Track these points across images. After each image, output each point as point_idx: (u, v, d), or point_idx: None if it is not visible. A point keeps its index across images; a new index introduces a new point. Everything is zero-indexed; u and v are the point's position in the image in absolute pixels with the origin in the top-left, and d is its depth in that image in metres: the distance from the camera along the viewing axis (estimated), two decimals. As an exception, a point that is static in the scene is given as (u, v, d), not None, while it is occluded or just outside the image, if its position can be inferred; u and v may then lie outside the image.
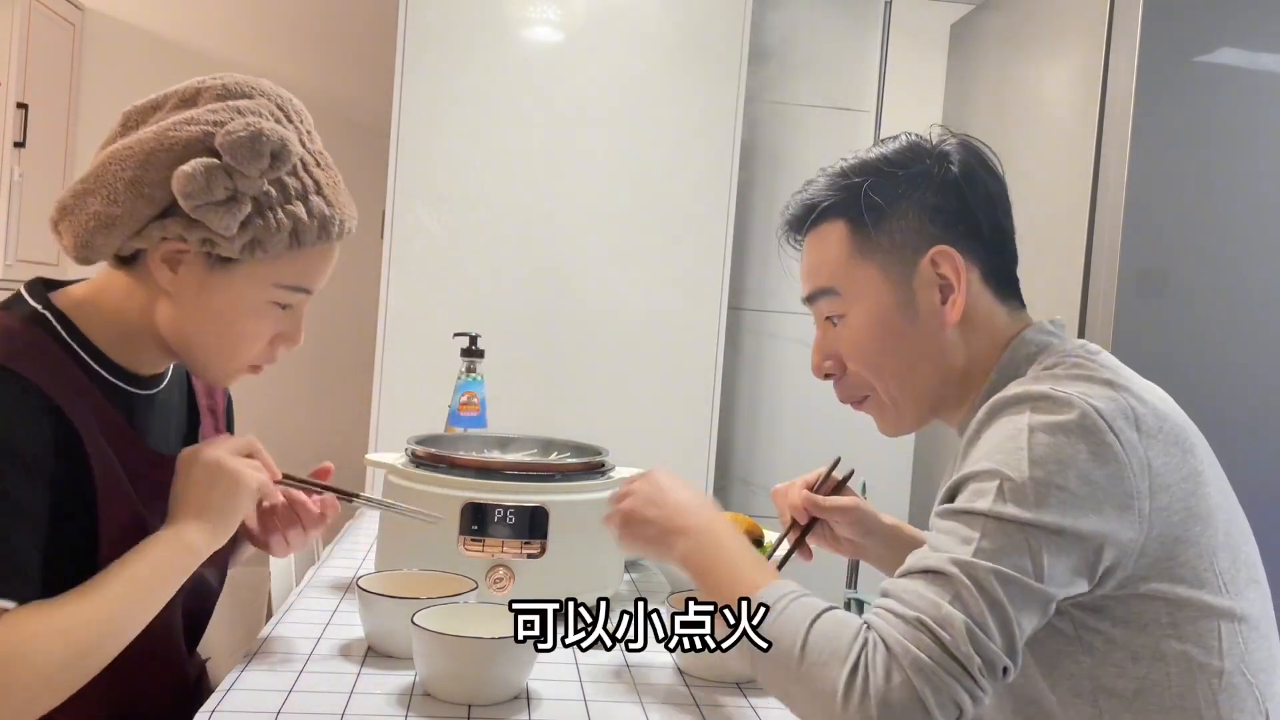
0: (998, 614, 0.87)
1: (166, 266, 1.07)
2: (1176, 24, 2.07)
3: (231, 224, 1.03)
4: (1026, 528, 0.89)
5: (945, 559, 0.90)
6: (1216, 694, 0.94)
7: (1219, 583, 0.96)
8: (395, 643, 1.23)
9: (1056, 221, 2.29)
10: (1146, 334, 2.07)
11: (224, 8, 3.12)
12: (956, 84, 2.95)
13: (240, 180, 1.02)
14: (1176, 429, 0.98)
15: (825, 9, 3.01)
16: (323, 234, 1.10)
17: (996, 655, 0.86)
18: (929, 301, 1.08)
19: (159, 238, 1.05)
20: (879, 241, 1.09)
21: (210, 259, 1.06)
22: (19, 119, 2.67)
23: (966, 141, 1.12)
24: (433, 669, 1.12)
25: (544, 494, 1.42)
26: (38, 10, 2.76)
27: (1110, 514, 0.91)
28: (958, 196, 1.08)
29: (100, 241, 1.05)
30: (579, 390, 2.57)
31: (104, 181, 1.04)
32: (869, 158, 1.12)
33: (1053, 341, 1.07)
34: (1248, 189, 2.10)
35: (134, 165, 1.04)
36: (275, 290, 1.10)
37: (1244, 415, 2.09)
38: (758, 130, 2.93)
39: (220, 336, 1.10)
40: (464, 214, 2.54)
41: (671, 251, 2.59)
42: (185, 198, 1.01)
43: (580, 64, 2.56)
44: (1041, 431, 0.92)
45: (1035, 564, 0.89)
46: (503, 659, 1.11)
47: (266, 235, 1.05)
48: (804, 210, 1.14)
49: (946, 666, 0.85)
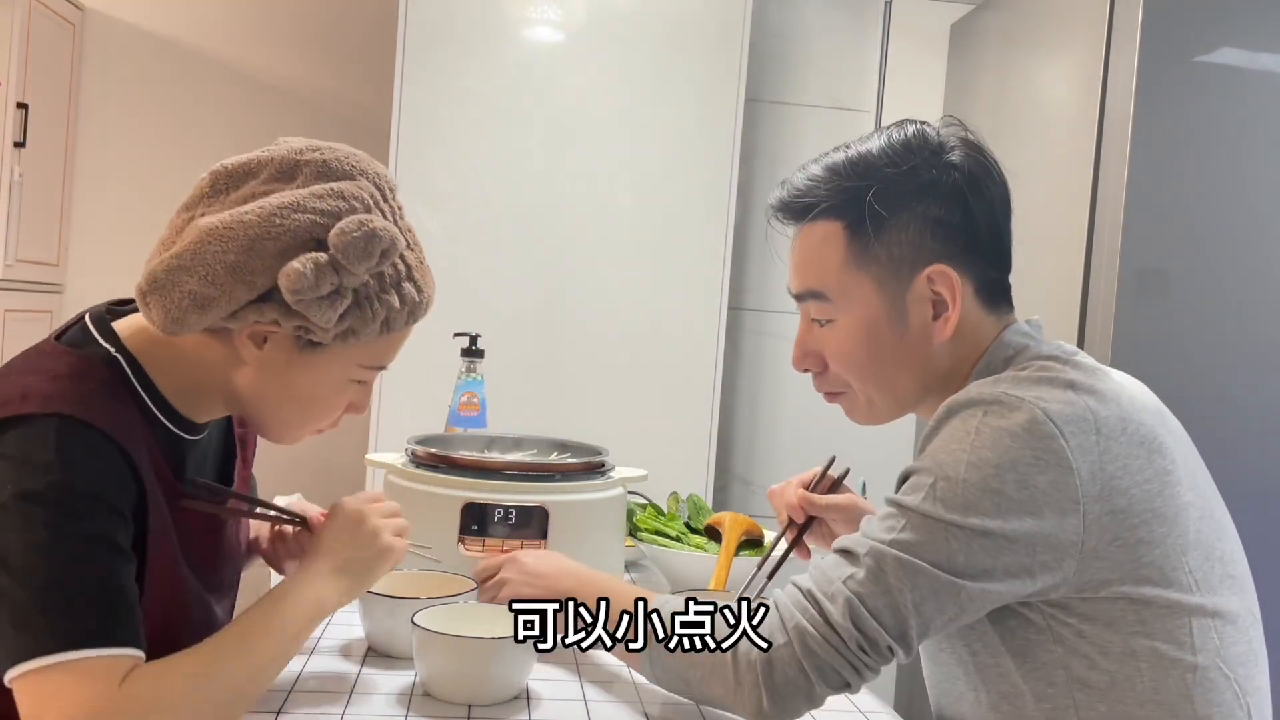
0: (888, 596, 0.92)
1: (252, 343, 1.05)
2: (1176, 24, 2.07)
3: (332, 317, 1.02)
4: (950, 527, 0.92)
5: (862, 540, 0.96)
6: (1191, 688, 0.95)
7: (1190, 580, 0.96)
8: (395, 643, 1.23)
9: (1056, 221, 2.29)
10: (1146, 334, 2.07)
11: (224, 8, 3.12)
12: (956, 84, 2.95)
13: (347, 277, 1.02)
14: (1143, 430, 0.97)
15: (825, 9, 3.01)
16: (410, 319, 1.12)
17: (878, 633, 0.92)
18: (920, 316, 1.08)
19: (253, 320, 1.02)
20: (876, 253, 1.07)
21: (300, 341, 1.06)
22: (19, 119, 2.67)
23: (972, 142, 1.10)
24: (433, 669, 1.12)
25: (544, 494, 1.43)
26: (38, 10, 2.76)
27: (1049, 517, 0.92)
28: (961, 208, 1.06)
29: (193, 320, 1.01)
30: (579, 390, 2.57)
31: (202, 260, 0.99)
32: (872, 154, 1.08)
33: (1029, 344, 1.08)
34: (1248, 189, 2.10)
35: (236, 249, 0.99)
36: (357, 370, 1.12)
37: (1244, 415, 2.09)
38: (758, 130, 2.93)
39: (299, 410, 1.11)
40: (464, 214, 2.54)
41: (671, 251, 2.59)
42: (292, 294, 0.99)
43: (580, 64, 2.56)
44: (987, 434, 0.94)
45: (950, 559, 0.92)
46: (503, 659, 1.11)
47: (361, 325, 1.06)
48: (799, 203, 1.11)
49: (825, 635, 0.93)
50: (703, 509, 1.81)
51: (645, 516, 1.74)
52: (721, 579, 1.48)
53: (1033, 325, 1.11)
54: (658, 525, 1.71)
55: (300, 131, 1.30)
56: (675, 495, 1.85)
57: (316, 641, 1.28)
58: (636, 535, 1.68)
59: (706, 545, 1.66)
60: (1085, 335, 2.15)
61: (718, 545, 1.59)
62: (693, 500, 1.83)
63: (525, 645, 1.10)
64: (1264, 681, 1.02)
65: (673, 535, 1.69)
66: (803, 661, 0.93)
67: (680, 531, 1.72)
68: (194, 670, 0.96)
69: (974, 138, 1.10)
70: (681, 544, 1.67)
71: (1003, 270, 1.11)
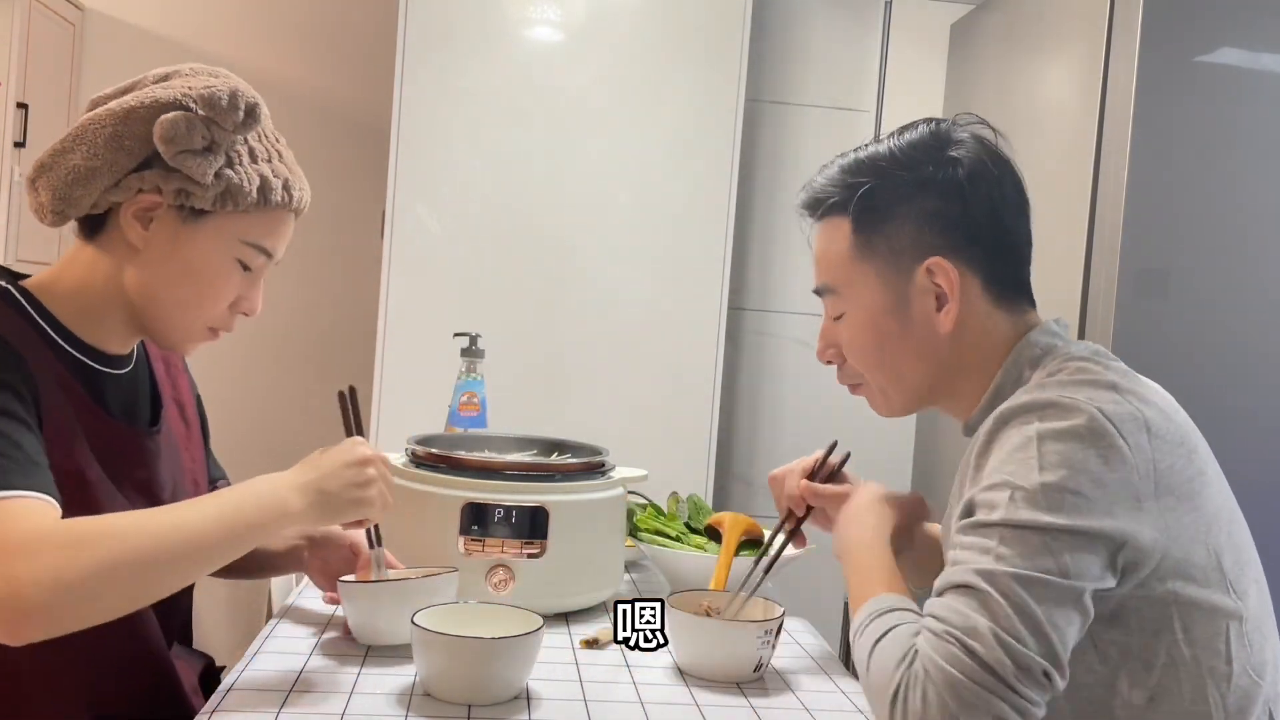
0: (1026, 618, 0.86)
1: (139, 223, 1.13)
2: (1176, 24, 2.07)
3: (208, 171, 1.10)
4: (1043, 531, 0.89)
5: (968, 571, 0.90)
6: (1226, 697, 0.95)
7: (1225, 582, 0.96)
8: (379, 632, 1.24)
9: (1056, 221, 2.29)
10: (1146, 334, 2.07)
11: (224, 8, 3.12)
12: (956, 84, 2.95)
13: (217, 132, 1.11)
14: (1181, 432, 0.98)
15: (825, 9, 3.01)
16: (285, 195, 1.18)
17: (1030, 659, 0.85)
18: (924, 308, 1.09)
19: (136, 189, 1.11)
20: (877, 246, 1.10)
21: (183, 212, 1.13)
22: (19, 119, 2.67)
23: (983, 139, 1.11)
24: (432, 669, 1.12)
25: (544, 494, 1.43)
26: (38, 10, 2.76)
27: (1123, 515, 0.91)
28: (960, 201, 1.07)
29: (79, 194, 1.11)
30: (579, 390, 2.57)
31: (84, 139, 1.11)
32: (880, 153, 1.11)
33: (1056, 344, 1.08)
34: (1248, 189, 2.10)
35: (114, 122, 1.11)
36: (241, 247, 1.17)
37: (1244, 415, 2.09)
38: (758, 130, 2.93)
39: (187, 291, 1.16)
40: (464, 214, 2.54)
41: (671, 251, 2.59)
42: (166, 143, 1.08)
43: (580, 64, 2.56)
44: (1050, 439, 0.93)
45: (1058, 562, 0.88)
46: (503, 659, 1.11)
47: (238, 187, 1.13)
48: (813, 200, 1.16)
49: (977, 678, 0.84)
50: (703, 509, 1.80)
51: (645, 516, 1.74)
52: (721, 579, 1.49)
53: (1060, 325, 1.12)
54: (658, 525, 1.71)
55: (300, 131, 1.32)
56: (675, 495, 1.85)
57: (317, 642, 1.28)
58: (636, 535, 1.68)
59: (706, 545, 1.66)
60: (1085, 335, 2.15)
61: (718, 545, 1.59)
62: (693, 500, 1.83)
63: (525, 644, 1.10)
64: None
65: (673, 535, 1.69)
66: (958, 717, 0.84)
67: (680, 531, 1.72)
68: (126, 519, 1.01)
69: (987, 135, 1.12)
70: (681, 544, 1.67)
71: (1013, 266, 1.12)
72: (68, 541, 0.95)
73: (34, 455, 1.01)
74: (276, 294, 2.17)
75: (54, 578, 0.93)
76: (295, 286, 3.07)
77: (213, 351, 1.42)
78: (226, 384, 3.14)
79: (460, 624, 1.15)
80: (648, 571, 1.77)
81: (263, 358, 3.14)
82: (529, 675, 1.15)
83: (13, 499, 0.96)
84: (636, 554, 1.77)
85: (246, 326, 1.35)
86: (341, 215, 3.12)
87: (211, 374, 3.07)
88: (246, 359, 3.10)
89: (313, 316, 3.21)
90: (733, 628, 1.28)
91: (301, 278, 3.09)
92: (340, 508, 1.15)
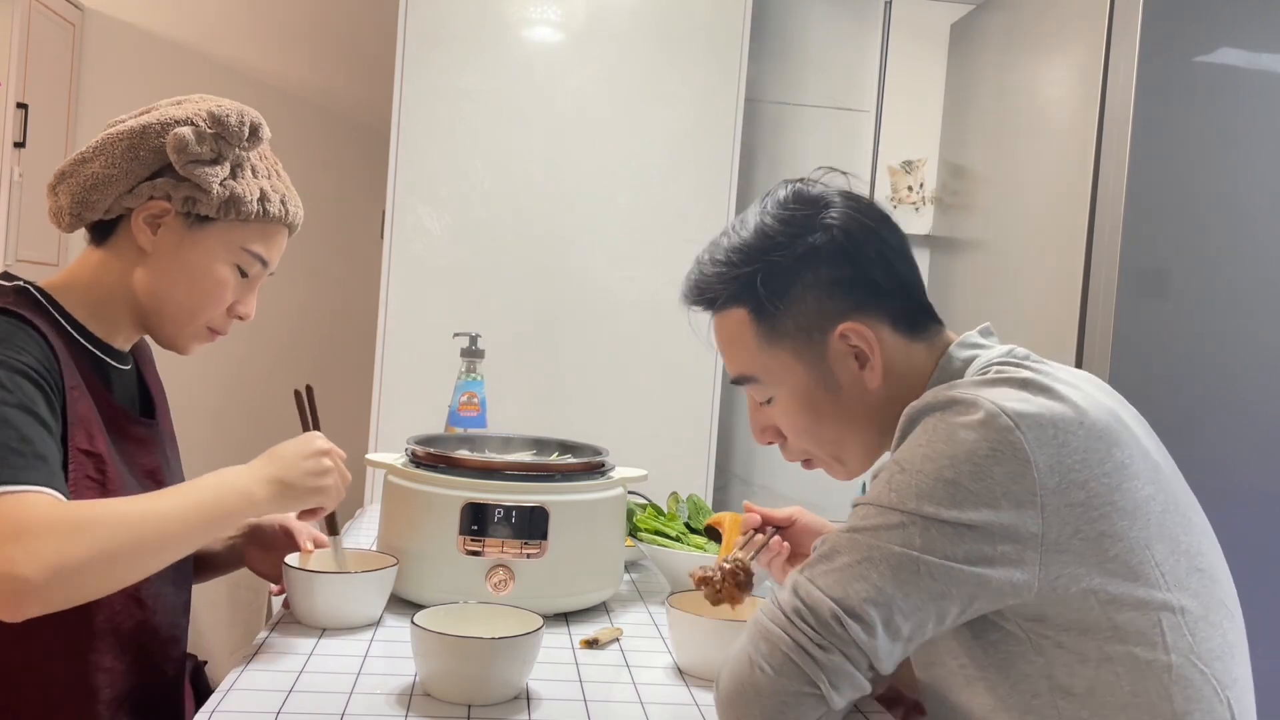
0: (835, 571, 0.94)
1: (148, 228, 1.23)
2: (1176, 24, 2.07)
3: (214, 180, 1.22)
4: (905, 514, 0.93)
5: (828, 539, 0.97)
6: (1169, 687, 0.95)
7: (1157, 574, 0.96)
8: (315, 614, 1.30)
9: (1056, 221, 2.29)
10: (1146, 334, 2.07)
11: (224, 8, 3.12)
12: (956, 84, 2.95)
13: (224, 146, 1.23)
14: (1099, 424, 0.98)
15: (825, 9, 3.01)
16: (282, 209, 1.30)
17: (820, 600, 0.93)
18: (848, 372, 1.11)
19: (147, 195, 1.22)
20: (784, 328, 1.11)
21: (189, 219, 1.24)
22: (19, 119, 2.67)
23: (848, 193, 1.14)
24: (431, 669, 1.12)
25: (544, 494, 1.43)
26: (38, 10, 2.76)
27: (1006, 509, 0.92)
28: (849, 263, 1.10)
29: (95, 198, 1.22)
30: (579, 390, 2.57)
31: (103, 151, 1.22)
32: (750, 240, 1.12)
33: (978, 354, 1.10)
34: (1248, 189, 2.10)
35: (131, 136, 1.22)
36: (240, 254, 1.28)
37: (1243, 415, 2.09)
38: (758, 130, 2.93)
39: (190, 291, 1.26)
40: (464, 214, 2.54)
41: (671, 251, 2.59)
42: (178, 153, 1.20)
43: (580, 64, 2.56)
44: (944, 430, 0.96)
45: (906, 540, 0.93)
46: (502, 659, 1.11)
47: (239, 197, 1.24)
48: (701, 296, 1.17)
49: (769, 615, 0.95)
50: (703, 509, 1.81)
51: (645, 516, 1.74)
52: None
53: (983, 333, 1.14)
54: (658, 525, 1.71)
55: (301, 131, 1.37)
56: (675, 495, 1.85)
57: (317, 642, 1.28)
58: (636, 535, 1.68)
59: (706, 545, 1.66)
60: (1085, 335, 2.15)
61: (718, 545, 1.59)
62: (693, 500, 1.83)
63: (525, 645, 1.10)
64: (1243, 673, 1.02)
65: (673, 535, 1.70)
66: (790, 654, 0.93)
67: (680, 531, 1.72)
68: (113, 507, 1.07)
69: (850, 187, 1.15)
70: (681, 544, 1.67)
71: (914, 299, 1.14)
72: (62, 529, 1.01)
73: (41, 449, 1.07)
74: (277, 293, 2.17)
75: (50, 563, 0.99)
76: (295, 286, 3.07)
77: (214, 351, 1.43)
78: (227, 383, 3.14)
79: (460, 624, 1.15)
80: (648, 571, 1.77)
81: (263, 357, 3.14)
82: (528, 675, 1.15)
83: (15, 493, 1.02)
84: (636, 554, 1.78)
85: (247, 326, 1.37)
86: (341, 215, 3.12)
87: (213, 373, 3.08)
88: (247, 358, 3.10)
89: (313, 316, 3.21)
90: (733, 628, 1.28)
91: (302, 277, 3.09)
92: (300, 496, 1.23)
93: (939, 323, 1.15)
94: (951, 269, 2.88)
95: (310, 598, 1.31)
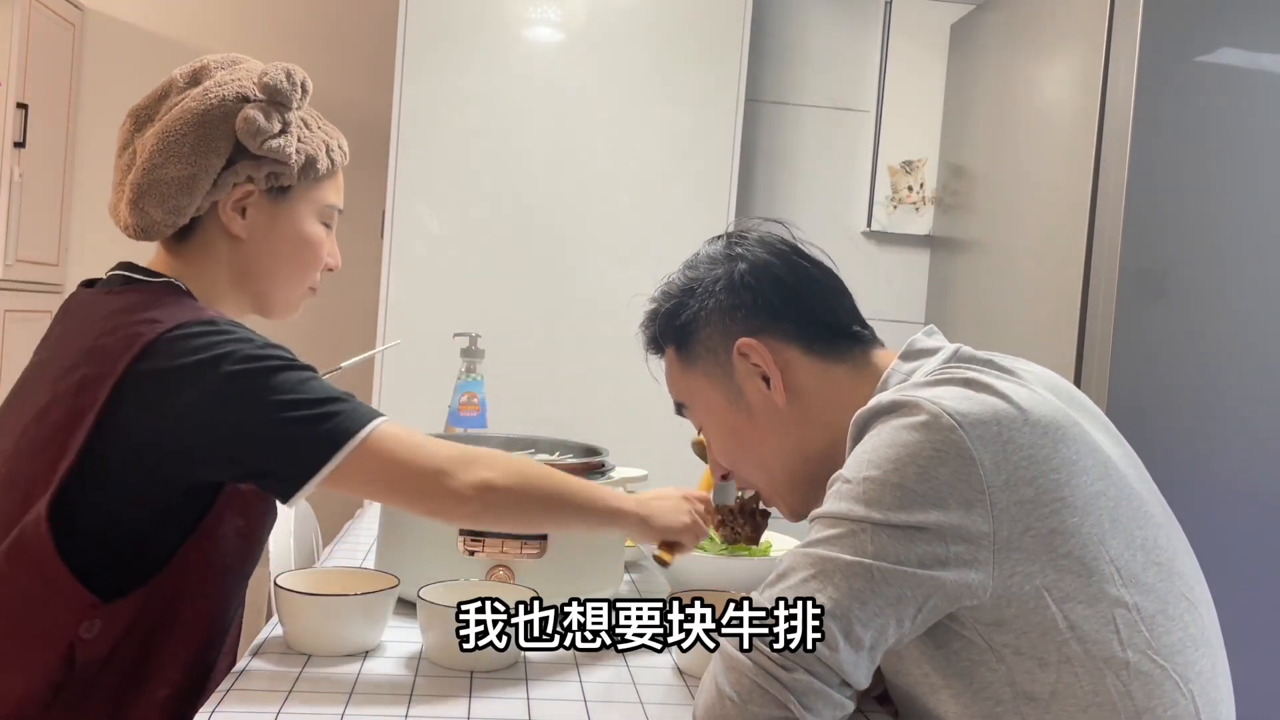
0: (785, 582, 0.94)
1: (238, 215, 1.24)
2: (1176, 24, 2.07)
3: (290, 150, 1.22)
4: (854, 523, 0.94)
5: (783, 558, 0.98)
6: (1128, 684, 0.95)
7: (1111, 570, 0.96)
8: (307, 640, 1.22)
9: (1056, 222, 2.29)
10: (1146, 334, 2.07)
11: (224, 8, 3.12)
12: (956, 84, 2.95)
13: (285, 111, 1.23)
14: (1044, 421, 0.98)
15: (825, 9, 3.01)
16: (343, 155, 1.33)
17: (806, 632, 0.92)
18: (755, 391, 1.16)
19: (231, 184, 1.22)
20: (695, 353, 1.21)
21: (271, 193, 1.25)
22: (19, 119, 2.67)
23: (764, 235, 1.21)
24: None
25: (544, 494, 1.42)
26: (38, 10, 2.76)
27: (954, 509, 0.92)
28: (749, 290, 1.17)
29: (185, 202, 1.20)
30: (579, 390, 2.57)
31: (169, 154, 1.18)
32: (671, 288, 1.25)
33: (921, 364, 1.11)
34: (1248, 189, 2.11)
35: (190, 130, 1.19)
36: (323, 209, 1.32)
37: (1243, 415, 2.09)
38: (758, 130, 2.93)
39: (293, 261, 1.30)
40: (464, 214, 2.54)
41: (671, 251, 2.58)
42: (252, 136, 1.19)
43: (580, 63, 2.56)
44: (887, 434, 0.96)
45: (859, 549, 0.93)
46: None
47: (312, 157, 1.26)
48: (649, 345, 1.30)
49: (760, 649, 0.92)
50: (703, 509, 1.80)
51: (645, 516, 1.74)
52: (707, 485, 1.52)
53: (928, 333, 1.15)
54: (658, 525, 1.71)
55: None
56: (675, 495, 1.85)
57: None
58: (636, 535, 1.68)
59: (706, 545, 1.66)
60: (1085, 335, 2.15)
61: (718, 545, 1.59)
62: (693, 500, 1.83)
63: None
64: (1207, 665, 1.01)
65: (673, 535, 1.69)
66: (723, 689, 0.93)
67: (680, 531, 1.71)
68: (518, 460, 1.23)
69: (772, 229, 1.23)
70: (681, 544, 1.67)
71: (829, 322, 1.17)
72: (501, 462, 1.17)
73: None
74: (276, 294, 2.17)
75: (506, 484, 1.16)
76: (295, 286, 3.07)
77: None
78: (226, 384, 3.14)
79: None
80: (648, 571, 1.77)
81: (263, 358, 3.14)
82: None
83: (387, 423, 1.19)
84: (636, 554, 1.77)
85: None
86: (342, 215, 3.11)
87: (211, 374, 3.07)
88: (246, 359, 3.10)
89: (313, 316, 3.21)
90: (733, 628, 1.28)
91: (301, 278, 3.10)
92: (664, 526, 1.31)
93: (867, 344, 1.17)
94: (951, 269, 2.88)
95: (296, 620, 1.24)
